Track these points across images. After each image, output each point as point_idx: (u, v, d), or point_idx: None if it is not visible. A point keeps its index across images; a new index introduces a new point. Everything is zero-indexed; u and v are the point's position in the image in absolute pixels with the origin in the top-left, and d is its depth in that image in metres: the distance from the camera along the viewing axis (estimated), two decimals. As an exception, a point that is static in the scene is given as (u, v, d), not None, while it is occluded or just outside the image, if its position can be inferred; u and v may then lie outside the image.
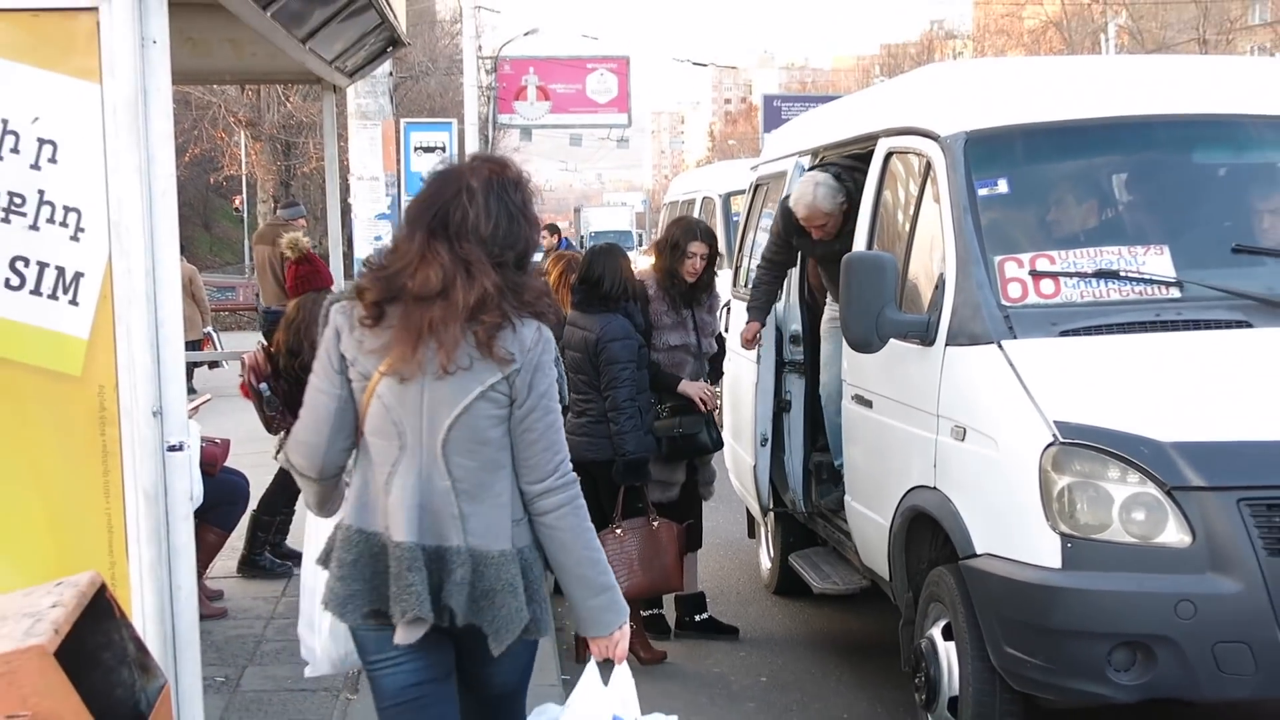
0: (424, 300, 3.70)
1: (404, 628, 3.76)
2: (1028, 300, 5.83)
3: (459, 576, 3.76)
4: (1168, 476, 5.10)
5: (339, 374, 3.86)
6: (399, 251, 3.84)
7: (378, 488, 3.87)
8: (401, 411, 3.80)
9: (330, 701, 6.43)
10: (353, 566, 3.83)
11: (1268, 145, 6.68)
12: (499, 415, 3.82)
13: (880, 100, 7.60)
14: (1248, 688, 5.13)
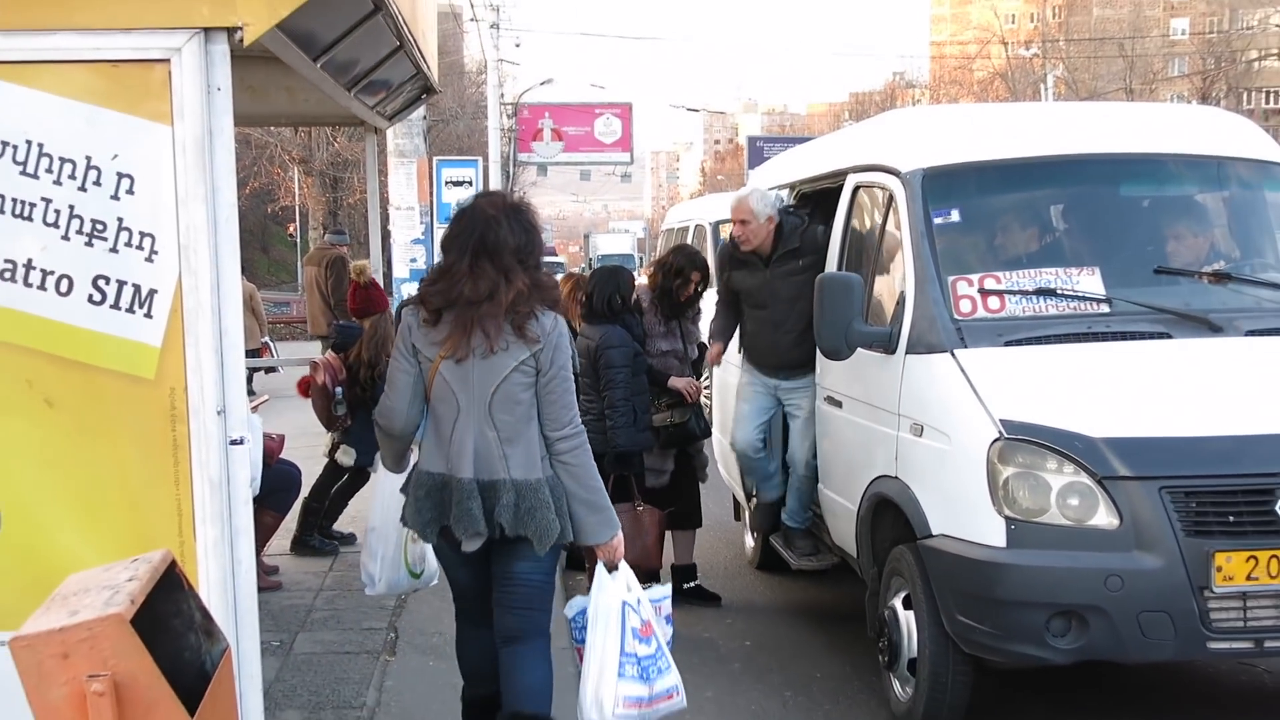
0: (474, 303, 4.63)
1: (467, 541, 4.76)
2: (977, 314, 5.85)
3: (506, 500, 4.68)
4: (1099, 467, 5.13)
5: (413, 357, 4.83)
6: (452, 270, 4.76)
7: (443, 440, 4.82)
8: (458, 384, 4.74)
9: (371, 663, 6.45)
10: (425, 499, 4.83)
11: (1184, 181, 6.72)
12: (528, 382, 4.74)
13: (849, 141, 7.62)
14: (1168, 651, 5.15)
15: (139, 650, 2.93)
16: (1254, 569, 5.04)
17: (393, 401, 4.91)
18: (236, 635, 4.13)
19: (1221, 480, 5.12)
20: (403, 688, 6.15)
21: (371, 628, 7.04)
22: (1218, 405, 5.35)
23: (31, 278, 4.10)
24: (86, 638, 2.92)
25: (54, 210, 4.09)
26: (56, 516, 4.13)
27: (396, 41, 6.37)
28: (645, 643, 4.90)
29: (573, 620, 5.13)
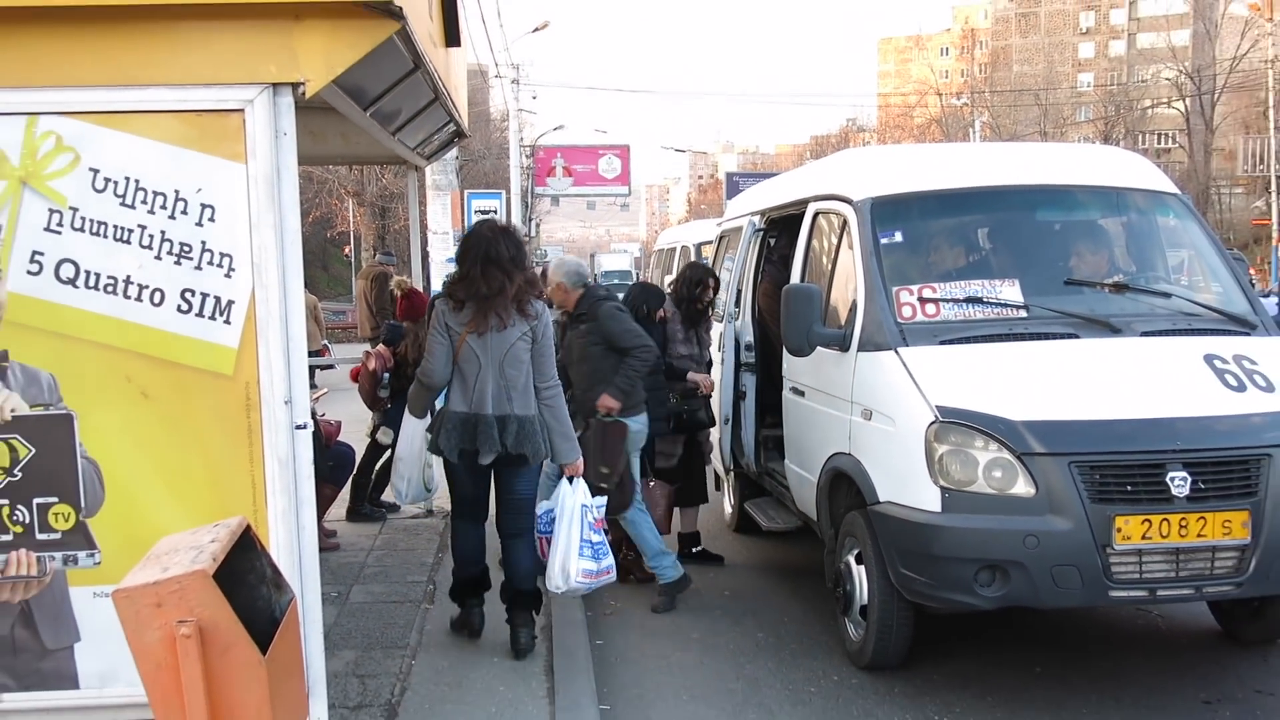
0: (489, 296, 5.59)
1: (485, 455, 5.69)
2: (917, 319, 5.85)
3: (512, 429, 5.67)
4: (1018, 445, 5.14)
5: (447, 332, 5.70)
6: (469, 275, 5.66)
7: (468, 389, 5.71)
8: (480, 350, 5.66)
9: (413, 610, 6.45)
10: (454, 430, 5.70)
11: (1089, 208, 6.74)
12: (527, 348, 5.75)
13: (810, 175, 7.63)
14: (1076, 599, 5.15)
15: (219, 600, 2.93)
16: (1148, 530, 5.04)
17: (433, 364, 5.78)
18: (301, 588, 4.13)
19: (1121, 456, 5.11)
20: (439, 630, 6.15)
21: (414, 581, 7.04)
22: (1118, 394, 5.34)
23: (130, 291, 4.11)
24: (176, 590, 2.92)
25: (148, 235, 4.11)
26: (151, 489, 4.14)
27: (433, 94, 6.36)
28: (596, 533, 6.07)
29: (539, 519, 6.15)
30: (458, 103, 7.35)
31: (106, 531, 4.13)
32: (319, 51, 4.10)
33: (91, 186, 4.08)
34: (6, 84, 4.00)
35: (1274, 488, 5.15)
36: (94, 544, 4.13)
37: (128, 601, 2.96)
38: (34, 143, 4.05)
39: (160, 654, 2.96)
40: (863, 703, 5.50)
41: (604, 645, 6.33)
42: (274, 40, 4.07)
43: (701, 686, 5.77)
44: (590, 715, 5.06)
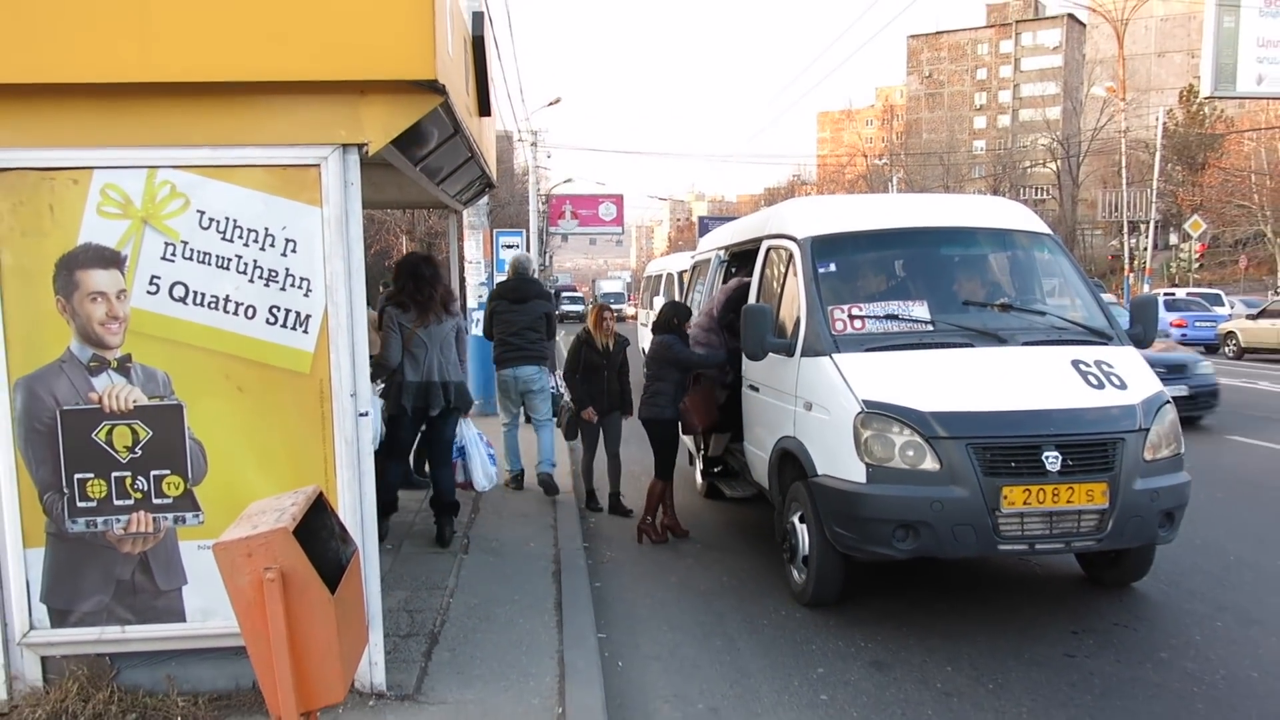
0: (429, 300, 6.41)
1: (434, 408, 6.48)
2: (847, 332, 5.82)
3: (450, 390, 6.55)
4: (926, 430, 5.13)
5: (399, 329, 6.35)
6: (406, 288, 6.46)
7: (419, 366, 6.42)
8: (427, 338, 6.42)
9: (452, 559, 6.40)
10: (411, 393, 6.40)
11: (982, 245, 6.70)
12: (453, 335, 6.60)
13: (763, 219, 7.60)
14: (971, 551, 5.14)
15: (297, 551, 2.91)
16: (1028, 498, 5.04)
17: (390, 352, 6.38)
18: (363, 541, 4.10)
19: (1007, 439, 5.10)
20: (472, 575, 6.10)
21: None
22: (1004, 390, 5.32)
23: (229, 307, 4.08)
24: (263, 543, 2.90)
25: (244, 263, 4.07)
26: (245, 463, 4.10)
27: (469, 153, 6.32)
28: (490, 449, 7.58)
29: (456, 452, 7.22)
30: (488, 160, 7.31)
31: (209, 497, 4.08)
32: (379, 119, 4.08)
33: (199, 225, 4.04)
34: (131, 143, 3.97)
35: (1126, 464, 5.16)
36: (199, 507, 4.08)
37: (225, 552, 2.94)
38: (153, 189, 4.01)
39: (250, 594, 2.93)
40: (804, 632, 5.47)
41: (602, 587, 6.28)
42: (344, 111, 4.04)
43: (679, 619, 5.73)
44: (591, 642, 5.02)
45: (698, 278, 9.42)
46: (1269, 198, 50.07)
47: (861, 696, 4.63)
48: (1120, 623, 5.57)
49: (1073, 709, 4.47)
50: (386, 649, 4.54)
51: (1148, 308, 6.29)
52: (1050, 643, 5.27)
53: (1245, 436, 11.76)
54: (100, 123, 3.94)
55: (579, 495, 8.60)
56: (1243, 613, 5.69)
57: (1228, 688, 4.68)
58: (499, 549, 6.71)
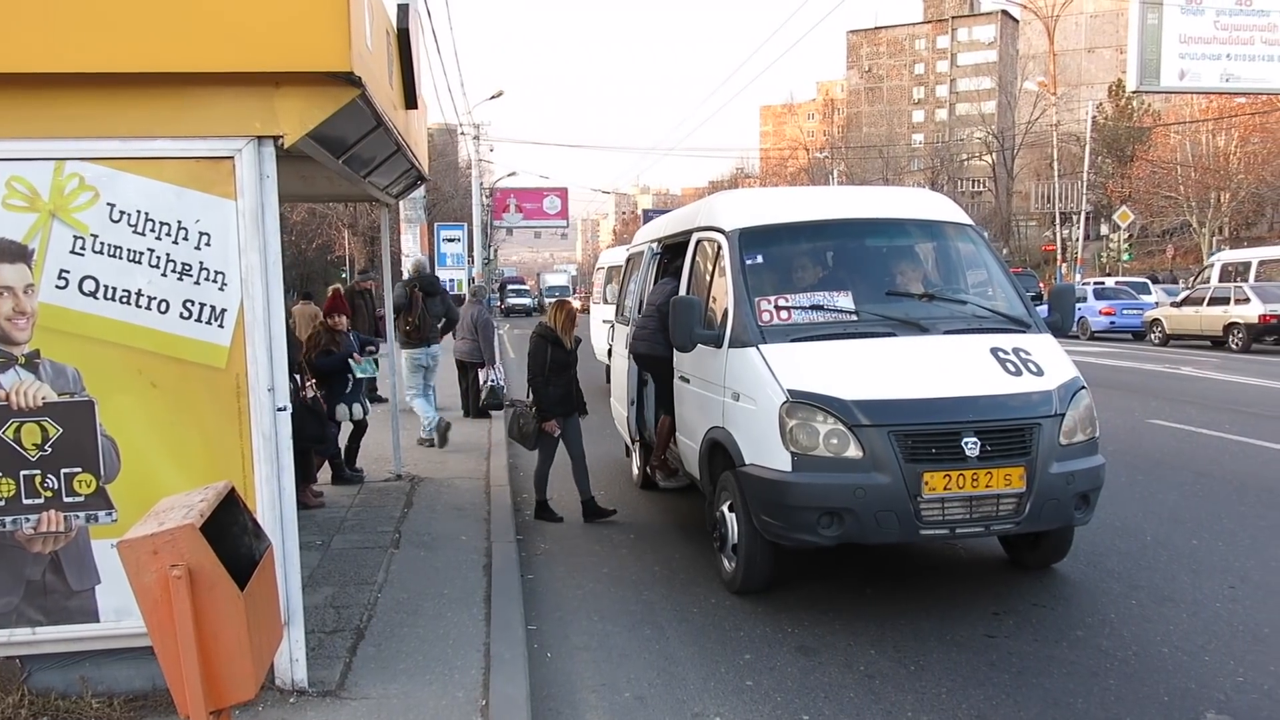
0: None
1: None
2: (773, 322, 5.86)
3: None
4: (850, 419, 5.18)
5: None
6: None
7: None
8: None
9: (382, 554, 6.34)
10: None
11: (907, 235, 6.77)
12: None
13: (694, 211, 7.61)
14: (895, 536, 5.20)
15: (204, 548, 2.86)
16: (948, 483, 5.12)
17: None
18: (282, 536, 4.05)
19: (927, 426, 5.17)
20: (402, 570, 6.05)
21: (383, 531, 6.91)
22: (925, 378, 5.38)
23: (141, 302, 4.00)
24: (169, 540, 2.84)
25: (156, 257, 4.00)
26: (159, 460, 4.02)
27: (395, 146, 6.24)
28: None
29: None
30: (418, 154, 7.21)
31: (122, 495, 4.00)
32: (295, 112, 4.03)
33: (109, 218, 3.95)
34: (38, 135, 3.88)
35: (1042, 449, 5.26)
36: (111, 505, 4.00)
37: (129, 550, 2.88)
38: (61, 182, 3.91)
39: (157, 592, 2.87)
40: (733, 619, 5.51)
41: (534, 579, 6.27)
42: (258, 102, 3.99)
43: (609, 609, 5.74)
44: (518, 633, 5.00)
45: (632, 270, 9.42)
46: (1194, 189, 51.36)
47: (786, 681, 4.67)
48: (1039, 603, 5.68)
49: (990, 688, 4.55)
50: (310, 645, 4.49)
51: (1065, 296, 6.42)
52: (971, 624, 5.36)
53: (1166, 421, 12.06)
54: (4, 114, 3.84)
55: (514, 491, 8.57)
56: (1156, 591, 5.84)
57: (1139, 664, 4.80)
58: (431, 543, 6.66)
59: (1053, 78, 55.82)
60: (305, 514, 7.08)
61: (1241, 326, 22.99)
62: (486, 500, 7.99)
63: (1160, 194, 52.86)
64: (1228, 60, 30.57)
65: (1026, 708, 4.34)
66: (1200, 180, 50.72)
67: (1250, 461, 9.56)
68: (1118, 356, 21.86)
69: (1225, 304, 23.66)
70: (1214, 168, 50.10)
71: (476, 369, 12.76)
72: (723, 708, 4.41)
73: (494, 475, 8.96)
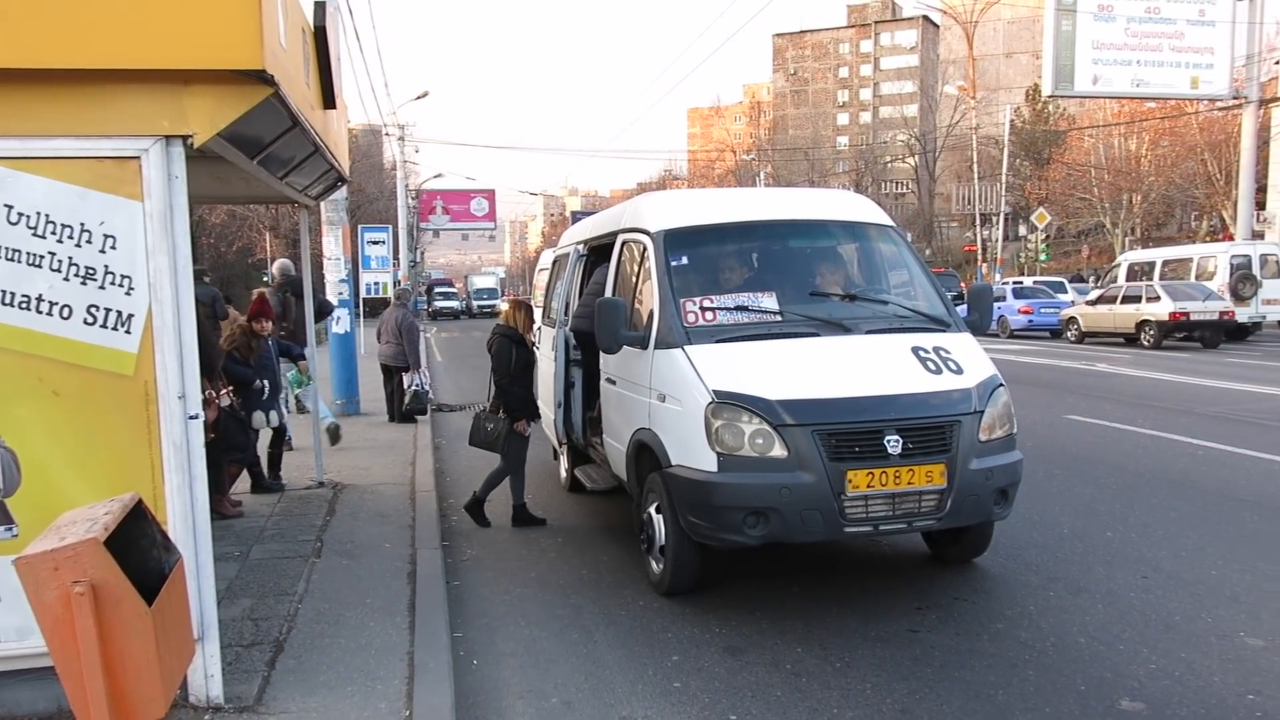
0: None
1: None
2: (699, 323, 5.86)
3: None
4: (774, 418, 5.21)
5: None
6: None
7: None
8: None
9: (303, 564, 6.20)
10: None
11: (831, 237, 6.82)
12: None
13: (619, 213, 7.60)
14: (820, 534, 5.24)
15: (109, 563, 2.77)
16: (871, 481, 5.18)
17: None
18: (195, 548, 3.93)
19: (850, 425, 5.21)
20: (324, 579, 5.92)
21: (304, 540, 6.77)
22: (848, 378, 5.44)
23: (43, 307, 3.85)
24: (71, 555, 2.75)
25: (58, 260, 3.86)
26: (62, 472, 3.87)
27: (313, 147, 6.12)
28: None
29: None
30: (338, 154, 7.08)
31: (23, 509, 3.84)
32: (205, 110, 3.91)
33: (7, 220, 3.79)
34: (-71, 134, 3.71)
35: (963, 446, 5.36)
36: (11, 520, 3.84)
37: (28, 567, 2.77)
38: (-46, 183, 3.75)
39: (58, 610, 2.77)
40: (661, 621, 5.50)
41: (460, 585, 6.19)
42: (166, 101, 3.86)
43: (536, 614, 5.69)
44: (443, 641, 4.93)
45: (558, 272, 9.38)
46: (1107, 191, 53.04)
47: (714, 682, 4.68)
48: (961, 597, 5.78)
49: (914, 682, 4.62)
50: (227, 659, 4.37)
51: (983, 296, 6.55)
52: (895, 619, 5.43)
53: (1082, 416, 12.39)
54: (-107, 112, 3.66)
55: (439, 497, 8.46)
56: (1072, 582, 5.98)
57: (1057, 654, 4.91)
58: (354, 551, 6.54)
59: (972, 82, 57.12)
60: (223, 524, 6.91)
61: (1153, 324, 23.76)
62: (411, 506, 7.88)
63: (1075, 195, 54.49)
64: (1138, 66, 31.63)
65: (949, 701, 4.40)
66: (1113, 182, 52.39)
67: (1162, 455, 9.87)
68: (1036, 354, 22.42)
69: (1137, 302, 24.44)
70: (1126, 170, 51.79)
71: (401, 373, 12.61)
72: (650, 710, 4.40)
73: (419, 481, 8.84)
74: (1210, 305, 23.67)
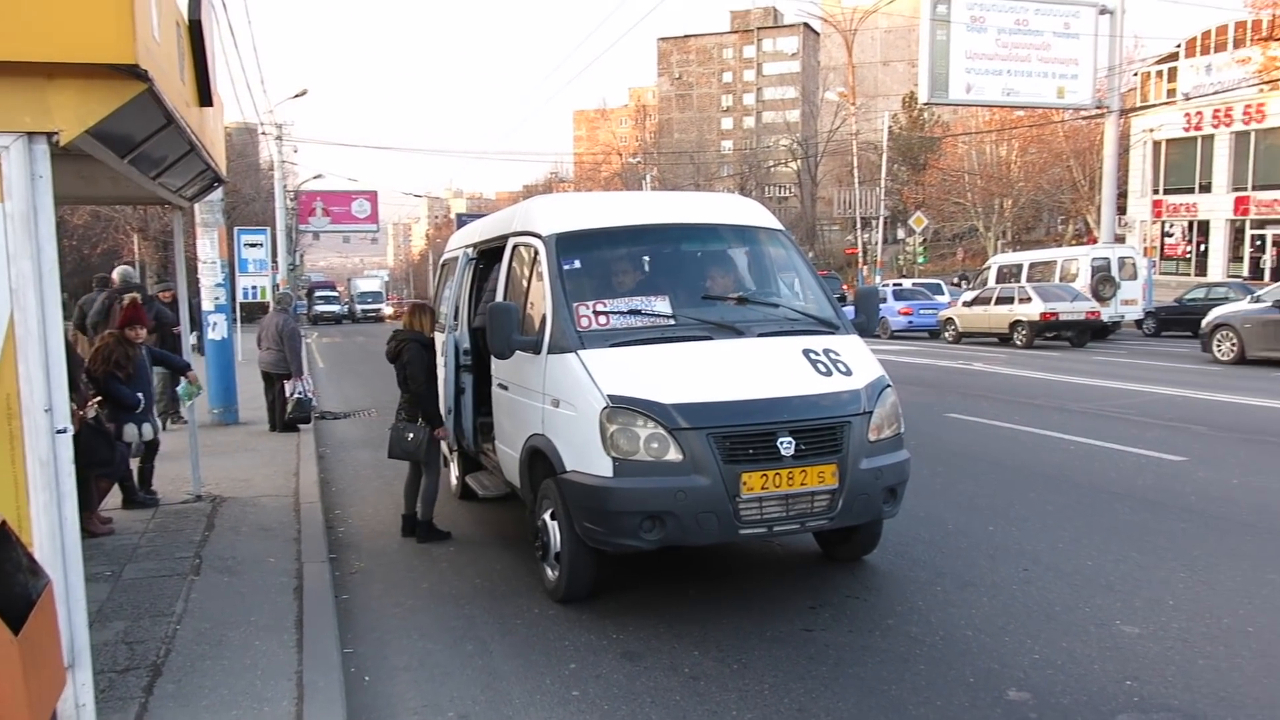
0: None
1: None
2: (592, 328, 5.84)
3: None
4: (669, 422, 5.22)
5: None
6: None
7: None
8: None
9: (181, 582, 5.94)
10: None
11: (721, 240, 6.90)
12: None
13: (509, 216, 7.52)
14: (715, 537, 5.27)
15: (-29, 589, 2.58)
16: (765, 483, 5.24)
17: None
18: (64, 571, 3.71)
19: (744, 428, 5.26)
20: (204, 598, 5.69)
21: (182, 557, 6.48)
22: (741, 381, 5.48)
23: (-110, 316, 3.57)
24: (-73, 583, 2.55)
25: (-92, 265, 3.58)
26: (-85, 493, 3.61)
27: (188, 146, 5.87)
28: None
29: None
30: (214, 154, 6.82)
31: None
32: (72, 106, 3.69)
33: None
34: None
35: (853, 446, 5.47)
36: None
37: (-122, 597, 2.56)
38: None
39: (-87, 642, 2.57)
40: (558, 629, 5.46)
41: (349, 599, 6.03)
42: (28, 95, 3.63)
43: (429, 626, 5.58)
44: (333, 659, 4.78)
45: (446, 276, 9.24)
46: (980, 195, 55.24)
47: (613, 689, 4.66)
48: (853, 594, 5.91)
49: (810, 681, 4.69)
50: (100, 687, 4.15)
51: (870, 298, 6.71)
52: (790, 619, 5.51)
53: (961, 414, 12.84)
54: None
55: (325, 508, 8.23)
56: (958, 577, 6.18)
57: (946, 647, 5.05)
58: (235, 567, 6.30)
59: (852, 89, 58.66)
60: (94, 543, 6.58)
61: (1025, 324, 24.83)
62: (296, 519, 7.63)
63: (950, 200, 56.55)
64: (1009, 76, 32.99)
65: (844, 697, 4.49)
66: (985, 187, 54.58)
67: (1037, 450, 10.30)
68: (916, 354, 23.15)
69: (1010, 303, 25.51)
70: (997, 175, 54.02)
71: (283, 380, 12.23)
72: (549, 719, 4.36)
73: (304, 492, 8.58)
74: (1078, 306, 24.88)
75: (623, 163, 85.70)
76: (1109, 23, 32.95)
